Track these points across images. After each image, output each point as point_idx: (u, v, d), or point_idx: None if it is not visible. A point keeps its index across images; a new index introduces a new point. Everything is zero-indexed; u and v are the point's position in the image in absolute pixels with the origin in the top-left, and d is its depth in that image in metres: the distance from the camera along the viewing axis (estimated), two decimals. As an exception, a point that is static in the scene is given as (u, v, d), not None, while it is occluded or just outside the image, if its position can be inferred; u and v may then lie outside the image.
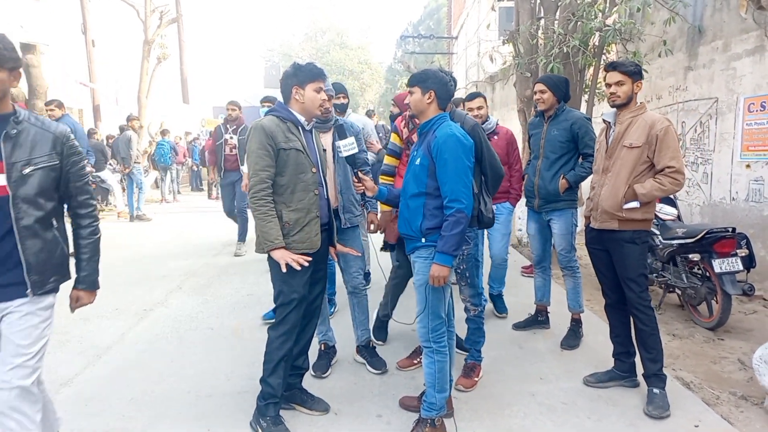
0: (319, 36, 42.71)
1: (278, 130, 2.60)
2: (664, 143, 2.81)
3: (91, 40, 13.43)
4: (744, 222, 5.13)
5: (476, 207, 2.83)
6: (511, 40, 7.02)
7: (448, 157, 2.43)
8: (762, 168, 5.03)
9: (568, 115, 3.71)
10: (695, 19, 5.96)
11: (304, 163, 2.66)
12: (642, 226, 2.96)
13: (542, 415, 2.87)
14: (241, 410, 2.91)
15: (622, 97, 2.93)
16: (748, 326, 4.24)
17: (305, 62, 2.72)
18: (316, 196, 2.70)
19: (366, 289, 3.48)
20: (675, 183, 2.81)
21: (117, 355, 3.70)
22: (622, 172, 2.92)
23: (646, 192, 2.84)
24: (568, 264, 3.85)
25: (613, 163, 2.98)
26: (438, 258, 2.45)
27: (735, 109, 5.35)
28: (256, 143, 2.57)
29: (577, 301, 3.87)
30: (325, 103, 2.75)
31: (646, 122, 2.87)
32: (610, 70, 2.98)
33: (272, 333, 2.75)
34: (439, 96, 2.56)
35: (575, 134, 3.67)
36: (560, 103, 3.73)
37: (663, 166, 2.82)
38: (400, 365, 3.43)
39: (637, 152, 2.87)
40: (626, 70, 2.91)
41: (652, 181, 2.86)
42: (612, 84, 2.94)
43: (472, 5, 18.12)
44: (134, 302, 3.98)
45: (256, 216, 2.58)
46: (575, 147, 3.72)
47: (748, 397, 3.06)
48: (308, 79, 2.65)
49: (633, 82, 2.91)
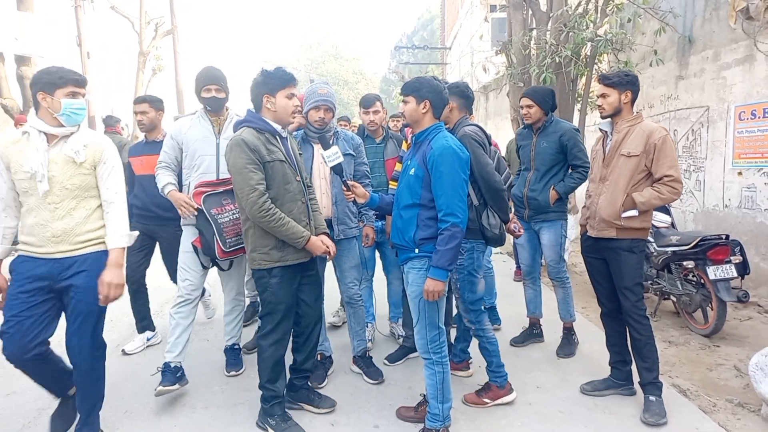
0: (315, 47, 42.94)
1: (259, 143, 2.56)
2: (662, 152, 2.81)
3: (86, 52, 13.43)
4: (737, 229, 5.16)
5: (474, 219, 2.83)
6: (504, 51, 7.09)
7: (444, 169, 2.39)
8: (754, 175, 5.08)
9: (556, 127, 3.70)
10: (685, 29, 6.04)
11: (288, 173, 2.65)
12: (640, 234, 2.96)
13: (539, 424, 2.86)
14: (236, 423, 2.89)
15: (608, 109, 2.96)
16: (743, 333, 4.25)
17: (274, 68, 2.67)
18: (303, 205, 2.70)
19: (362, 300, 3.46)
20: (673, 192, 2.82)
21: (111, 367, 3.62)
22: (620, 181, 2.92)
23: (644, 201, 2.85)
24: (557, 275, 3.83)
25: (610, 171, 2.98)
26: (432, 272, 2.41)
27: (726, 118, 5.41)
28: (244, 159, 2.50)
29: (568, 311, 3.85)
30: (298, 109, 2.74)
31: (643, 131, 2.87)
32: (599, 82, 3.01)
33: (263, 342, 2.74)
34: (434, 105, 2.53)
35: (564, 146, 3.66)
36: (548, 115, 3.72)
37: (661, 175, 2.82)
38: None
39: (635, 161, 2.87)
40: (609, 83, 2.92)
41: (650, 190, 2.86)
42: (598, 96, 3.00)
43: (465, 16, 18.29)
44: (128, 314, 3.96)
45: (273, 227, 2.54)
46: (565, 158, 3.71)
47: (745, 404, 3.06)
48: (279, 86, 2.61)
49: (620, 93, 2.91)
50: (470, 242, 2.90)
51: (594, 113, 7.61)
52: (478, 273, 2.98)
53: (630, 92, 2.93)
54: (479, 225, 2.84)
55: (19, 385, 3.17)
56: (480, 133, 2.96)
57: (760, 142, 4.99)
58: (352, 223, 3.33)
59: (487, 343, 3.03)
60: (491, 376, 3.06)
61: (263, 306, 2.72)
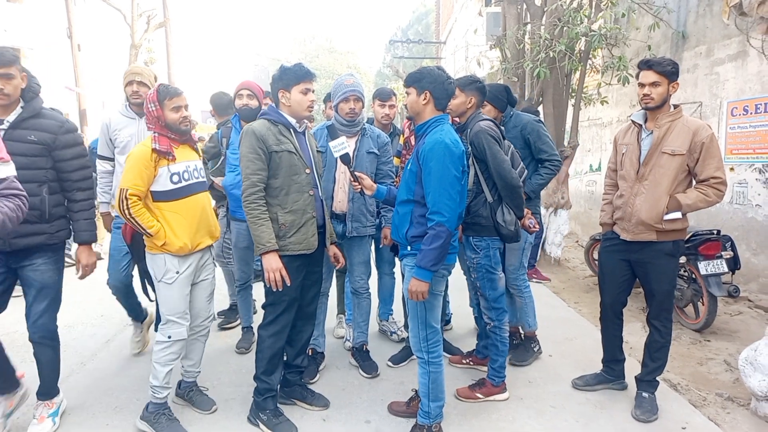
0: (309, 41, 42.72)
1: (269, 134, 2.59)
2: (709, 152, 2.62)
3: (76, 44, 13.30)
4: (728, 224, 5.19)
5: (488, 216, 2.78)
6: (498, 45, 7.08)
7: (433, 165, 2.30)
8: (745, 171, 5.10)
9: (516, 121, 3.47)
10: (679, 24, 6.05)
11: (297, 165, 2.65)
12: (680, 236, 2.80)
13: (530, 419, 2.87)
14: (227, 418, 2.88)
15: (657, 99, 2.69)
16: (733, 327, 4.28)
17: (293, 64, 2.70)
18: (311, 197, 2.69)
19: (368, 293, 3.45)
20: (719, 195, 2.64)
21: (101, 362, 3.63)
22: (663, 181, 2.71)
23: (691, 203, 2.66)
24: (514, 282, 3.48)
25: (650, 170, 2.75)
26: (416, 272, 2.34)
27: (719, 113, 5.43)
28: (247, 147, 2.57)
29: (528, 321, 3.57)
30: (314, 104, 2.74)
31: (688, 128, 2.66)
32: (644, 68, 2.71)
33: (263, 332, 2.75)
34: (435, 96, 2.42)
35: (527, 139, 3.43)
36: (505, 111, 3.46)
37: (707, 176, 2.63)
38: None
39: (680, 160, 2.67)
40: (663, 71, 2.65)
41: (697, 192, 2.66)
42: (646, 84, 2.69)
43: (460, 10, 18.23)
44: (120, 309, 3.92)
45: (249, 220, 2.57)
46: (532, 153, 3.46)
47: (735, 398, 3.08)
48: (294, 82, 2.63)
49: (669, 83, 2.68)
50: (485, 240, 2.85)
51: (588, 108, 7.63)
52: (496, 270, 2.92)
53: (677, 83, 2.71)
54: (493, 222, 2.79)
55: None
56: (494, 128, 2.87)
57: (752, 138, 5.01)
58: (368, 221, 3.29)
59: (500, 342, 3.01)
60: (490, 373, 3.06)
61: (267, 296, 2.73)
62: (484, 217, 2.81)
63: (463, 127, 2.92)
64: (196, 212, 2.70)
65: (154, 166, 2.57)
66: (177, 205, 2.63)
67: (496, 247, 2.89)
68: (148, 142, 2.60)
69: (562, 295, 5.31)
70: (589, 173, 8.46)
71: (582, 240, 8.15)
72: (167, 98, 2.61)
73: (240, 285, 3.82)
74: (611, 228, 3.01)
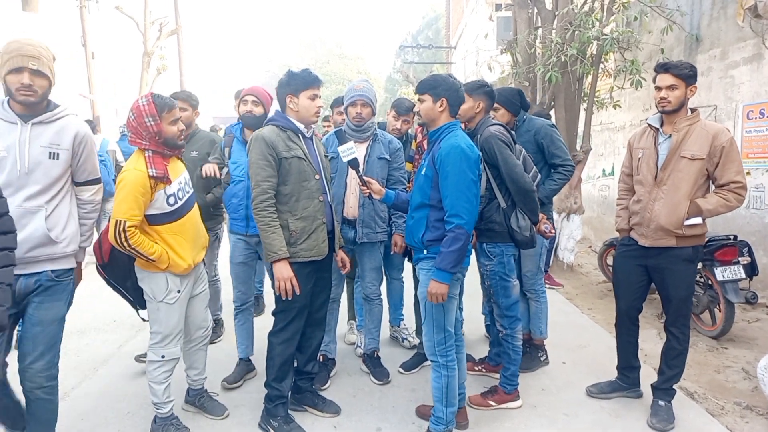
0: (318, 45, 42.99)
1: (278, 140, 2.59)
2: (729, 156, 2.59)
3: (90, 52, 13.48)
4: (745, 229, 5.10)
5: (502, 222, 2.76)
6: (509, 50, 7.05)
7: (450, 169, 2.34)
8: (762, 175, 5.02)
9: (529, 125, 3.43)
10: (692, 27, 5.98)
11: (306, 171, 2.65)
12: (700, 241, 2.77)
13: (544, 427, 2.83)
14: (239, 424, 2.87)
15: (674, 103, 2.66)
16: (751, 335, 4.20)
17: (300, 69, 2.70)
18: (321, 203, 2.69)
19: (379, 299, 3.43)
20: (739, 199, 2.62)
21: (113, 368, 3.65)
22: (683, 186, 2.67)
23: (712, 208, 2.64)
24: (532, 287, 3.49)
25: (669, 175, 2.71)
26: (435, 274, 2.37)
27: (734, 117, 5.35)
28: (256, 154, 2.56)
29: (539, 327, 3.54)
30: (321, 110, 2.74)
31: (708, 132, 2.63)
32: (661, 71, 2.70)
33: (273, 339, 2.75)
34: (451, 103, 2.47)
35: (540, 144, 3.39)
36: (518, 115, 3.42)
37: (727, 181, 2.61)
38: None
39: (699, 164, 2.63)
40: (680, 74, 2.63)
41: (717, 197, 2.64)
42: (663, 88, 2.67)
43: (470, 15, 18.24)
44: (132, 315, 3.93)
45: (259, 227, 2.56)
46: (545, 157, 3.42)
47: (753, 407, 3.02)
48: (302, 87, 2.63)
49: (686, 87, 2.65)
50: (499, 246, 2.82)
51: (600, 112, 7.57)
52: (510, 277, 2.88)
53: (694, 87, 2.69)
54: (508, 228, 2.76)
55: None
56: (505, 132, 2.84)
57: (769, 142, 4.93)
58: (379, 227, 3.27)
59: (512, 350, 2.97)
60: (503, 380, 3.03)
61: (277, 303, 2.72)
62: (497, 223, 2.79)
63: (473, 133, 2.90)
64: (193, 229, 2.63)
65: (151, 192, 2.37)
66: (175, 226, 2.50)
67: (510, 254, 2.86)
68: (141, 167, 2.36)
69: (576, 301, 5.25)
70: (602, 178, 8.38)
71: (595, 245, 8.07)
72: (166, 111, 2.41)
73: (237, 307, 3.35)
74: (628, 234, 2.97)
